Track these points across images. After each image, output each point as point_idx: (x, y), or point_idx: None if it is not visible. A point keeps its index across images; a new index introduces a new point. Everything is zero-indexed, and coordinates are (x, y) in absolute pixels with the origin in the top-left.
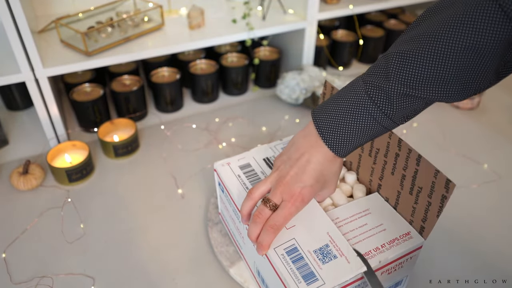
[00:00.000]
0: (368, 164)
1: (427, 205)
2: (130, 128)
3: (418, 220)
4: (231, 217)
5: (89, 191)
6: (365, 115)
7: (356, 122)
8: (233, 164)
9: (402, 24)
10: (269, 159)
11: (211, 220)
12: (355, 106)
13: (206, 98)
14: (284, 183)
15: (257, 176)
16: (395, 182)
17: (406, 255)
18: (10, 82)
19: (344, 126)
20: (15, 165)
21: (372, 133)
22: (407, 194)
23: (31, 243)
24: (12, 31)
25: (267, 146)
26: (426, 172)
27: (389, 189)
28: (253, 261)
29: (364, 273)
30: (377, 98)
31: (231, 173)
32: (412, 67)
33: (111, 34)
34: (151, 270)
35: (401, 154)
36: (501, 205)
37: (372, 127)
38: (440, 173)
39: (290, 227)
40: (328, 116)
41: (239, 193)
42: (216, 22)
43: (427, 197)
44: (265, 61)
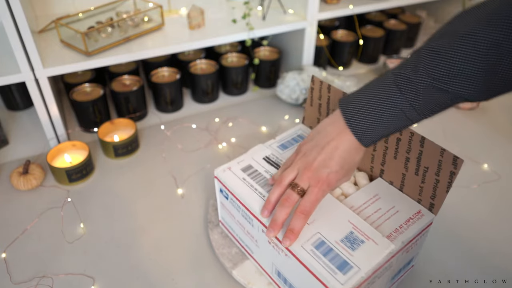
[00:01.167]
0: (367, 152)
1: (435, 183)
2: (130, 128)
3: (426, 198)
4: (238, 222)
5: (89, 191)
6: (392, 104)
7: (382, 111)
8: (234, 168)
9: (402, 24)
10: (268, 157)
11: (212, 222)
12: (382, 95)
13: (206, 98)
14: (312, 168)
15: (262, 176)
16: (399, 165)
17: (421, 232)
18: (10, 82)
19: (370, 114)
20: (15, 165)
21: (397, 124)
22: (412, 175)
23: (31, 243)
24: (12, 31)
25: (263, 145)
26: (431, 152)
27: (393, 172)
28: (271, 262)
29: None
30: (404, 88)
31: (234, 178)
32: (441, 60)
33: (111, 34)
34: (151, 270)
35: (402, 138)
36: (501, 205)
37: (398, 117)
38: (447, 151)
39: (311, 222)
40: (355, 105)
41: (250, 196)
42: (216, 22)
43: (434, 176)
44: (265, 61)
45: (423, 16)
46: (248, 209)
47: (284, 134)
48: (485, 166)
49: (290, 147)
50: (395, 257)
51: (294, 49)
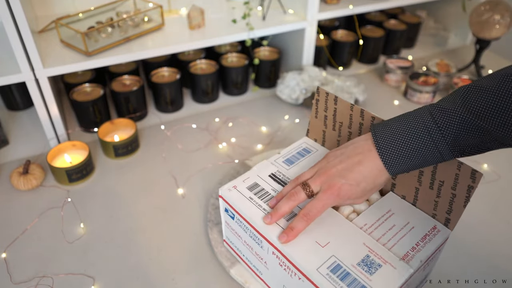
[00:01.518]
0: None
1: (451, 197)
2: (130, 128)
3: (442, 212)
4: (245, 243)
5: (89, 191)
6: (424, 132)
7: (413, 138)
8: (240, 186)
9: (402, 24)
10: (275, 174)
11: (211, 221)
12: (415, 122)
13: (206, 98)
14: (328, 174)
15: (269, 194)
16: (412, 179)
17: (438, 248)
18: (10, 82)
19: (401, 140)
20: (15, 165)
21: (427, 156)
22: (426, 189)
23: (31, 243)
24: (12, 31)
25: (268, 162)
26: (447, 165)
27: (405, 187)
28: (282, 285)
29: None
30: (439, 118)
31: (241, 197)
32: (482, 96)
33: (111, 34)
34: (151, 270)
35: None
36: (501, 205)
37: (428, 147)
38: (464, 165)
39: (325, 245)
40: (386, 127)
41: (258, 216)
42: (216, 22)
43: (450, 190)
44: (265, 61)
45: (423, 16)
46: (257, 230)
47: (289, 148)
48: (485, 166)
49: (296, 162)
50: (413, 277)
51: (294, 49)
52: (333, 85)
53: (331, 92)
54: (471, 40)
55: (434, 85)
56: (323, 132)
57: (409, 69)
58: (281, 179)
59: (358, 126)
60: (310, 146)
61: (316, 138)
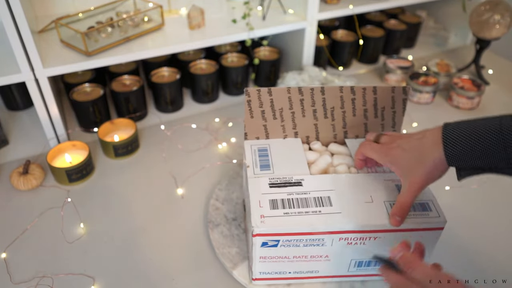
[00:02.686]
0: (326, 126)
1: (392, 114)
2: (130, 128)
3: (388, 129)
4: (296, 258)
5: (89, 191)
6: (497, 132)
7: (483, 131)
8: (266, 213)
9: (402, 24)
10: (272, 183)
11: (212, 222)
12: (492, 122)
13: (206, 98)
14: (394, 136)
15: (292, 198)
16: (359, 119)
17: None
18: (10, 82)
19: (469, 130)
20: (15, 165)
21: (489, 149)
22: (373, 119)
23: (31, 243)
24: (12, 31)
25: (252, 179)
26: (384, 94)
27: (356, 127)
28: (349, 262)
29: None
30: (506, 127)
31: (278, 220)
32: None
33: (111, 34)
34: (151, 270)
35: (357, 97)
36: (501, 205)
37: (494, 142)
38: (397, 87)
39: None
40: (457, 122)
41: (304, 221)
42: (216, 22)
43: (391, 109)
44: (265, 61)
45: (423, 16)
46: (315, 232)
47: (248, 157)
48: None
49: (270, 162)
50: None
51: (294, 49)
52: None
53: None
54: (471, 40)
55: (434, 85)
56: (264, 126)
57: (409, 69)
58: (281, 181)
59: (299, 103)
60: (259, 144)
61: (258, 135)
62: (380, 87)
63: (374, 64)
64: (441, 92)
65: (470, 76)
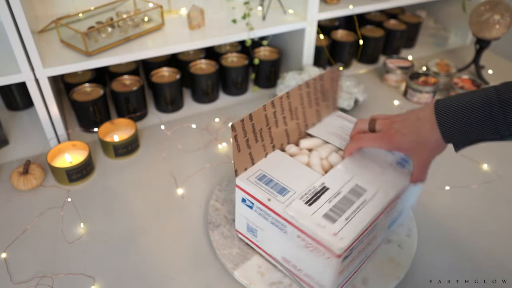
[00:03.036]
0: (293, 127)
1: (333, 93)
2: (130, 128)
3: (332, 109)
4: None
5: (89, 191)
6: (484, 102)
7: (471, 104)
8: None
9: (402, 24)
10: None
11: (212, 223)
12: (480, 94)
13: (206, 98)
14: (391, 121)
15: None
16: (314, 108)
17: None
18: (10, 82)
19: (459, 101)
20: (15, 165)
21: (481, 125)
22: (322, 103)
23: (31, 243)
24: (12, 31)
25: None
26: (327, 78)
27: (312, 117)
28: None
29: None
30: (504, 93)
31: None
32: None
33: (111, 34)
34: (151, 270)
35: (311, 89)
36: (501, 205)
37: (485, 116)
38: (333, 67)
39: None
40: (449, 98)
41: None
42: (216, 22)
43: (331, 90)
44: (265, 61)
45: (423, 16)
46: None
47: (252, 191)
48: (485, 166)
49: (271, 181)
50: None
51: (294, 49)
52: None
53: None
54: (471, 40)
55: (434, 85)
56: (250, 154)
57: (409, 69)
58: (310, 194)
59: (273, 116)
60: (254, 175)
61: (246, 166)
62: (323, 73)
63: (374, 64)
64: (441, 92)
65: (470, 76)
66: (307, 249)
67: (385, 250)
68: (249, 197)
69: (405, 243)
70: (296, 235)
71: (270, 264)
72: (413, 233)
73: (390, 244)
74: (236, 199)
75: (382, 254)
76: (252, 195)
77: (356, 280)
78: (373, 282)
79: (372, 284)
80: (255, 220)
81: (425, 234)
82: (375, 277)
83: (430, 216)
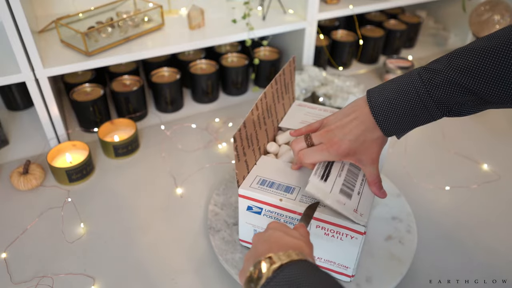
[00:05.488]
0: (269, 125)
1: (291, 85)
2: (130, 128)
3: (290, 99)
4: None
5: (89, 191)
6: (412, 91)
7: (402, 97)
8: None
9: (402, 24)
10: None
11: (212, 228)
12: (405, 83)
13: (206, 98)
14: (328, 130)
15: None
16: (280, 102)
17: None
18: (10, 82)
19: (390, 94)
20: (15, 165)
21: (416, 114)
22: (285, 95)
23: (31, 243)
24: (12, 31)
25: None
26: (287, 72)
27: (279, 111)
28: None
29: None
30: (425, 77)
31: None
32: (469, 56)
33: (111, 34)
34: (151, 270)
35: (279, 85)
36: (501, 205)
37: (417, 106)
38: (290, 60)
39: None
40: (378, 87)
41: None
42: (216, 22)
43: (290, 82)
44: (265, 61)
45: (423, 16)
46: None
47: (260, 197)
48: (485, 166)
49: (273, 184)
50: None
51: (294, 49)
52: (333, 85)
53: (330, 92)
54: (471, 40)
55: None
56: (245, 162)
57: (409, 69)
58: (321, 171)
59: (257, 119)
60: (253, 181)
61: (244, 174)
62: (284, 67)
63: (374, 64)
64: None
65: None
66: (327, 237)
67: (387, 247)
68: (256, 203)
69: (405, 238)
70: (315, 226)
71: None
72: (413, 229)
73: (391, 240)
74: (239, 210)
75: (384, 251)
76: (261, 200)
77: (360, 279)
78: (377, 279)
79: (376, 281)
80: (265, 224)
81: (425, 234)
82: (378, 274)
83: (430, 216)
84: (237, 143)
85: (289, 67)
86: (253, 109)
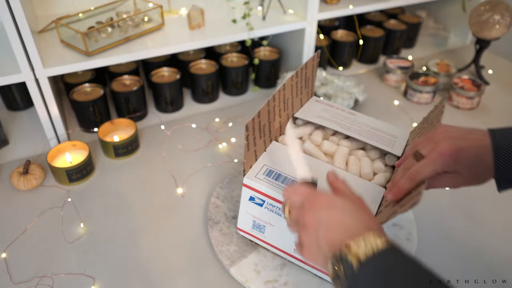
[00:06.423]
0: (284, 118)
1: (312, 80)
2: (130, 128)
3: (309, 95)
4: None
5: (89, 191)
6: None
7: None
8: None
9: (402, 24)
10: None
11: (211, 220)
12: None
13: (206, 98)
14: (436, 138)
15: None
16: (298, 97)
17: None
18: (10, 82)
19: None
20: (15, 165)
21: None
22: (304, 90)
23: (31, 243)
24: (12, 31)
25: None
26: (310, 66)
27: (295, 105)
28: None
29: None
30: None
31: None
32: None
33: (111, 34)
34: (151, 270)
35: (299, 79)
36: (501, 205)
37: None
38: (314, 55)
39: None
40: (505, 130)
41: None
42: (216, 22)
43: (312, 77)
44: (265, 61)
45: (423, 16)
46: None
47: (267, 192)
48: None
49: (280, 175)
50: None
51: (294, 49)
52: (333, 85)
53: (330, 92)
54: (471, 40)
55: (434, 85)
56: (254, 151)
57: (409, 69)
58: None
59: (273, 110)
60: (259, 171)
61: (251, 163)
62: (307, 61)
63: (374, 64)
64: (441, 92)
65: (470, 76)
66: None
67: None
68: (259, 195)
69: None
70: None
71: (266, 262)
72: (413, 237)
73: None
74: (242, 198)
75: None
76: (265, 193)
77: None
78: None
79: None
80: (265, 217)
81: (425, 234)
82: None
83: (430, 217)
84: (249, 132)
85: (312, 61)
86: (269, 100)
